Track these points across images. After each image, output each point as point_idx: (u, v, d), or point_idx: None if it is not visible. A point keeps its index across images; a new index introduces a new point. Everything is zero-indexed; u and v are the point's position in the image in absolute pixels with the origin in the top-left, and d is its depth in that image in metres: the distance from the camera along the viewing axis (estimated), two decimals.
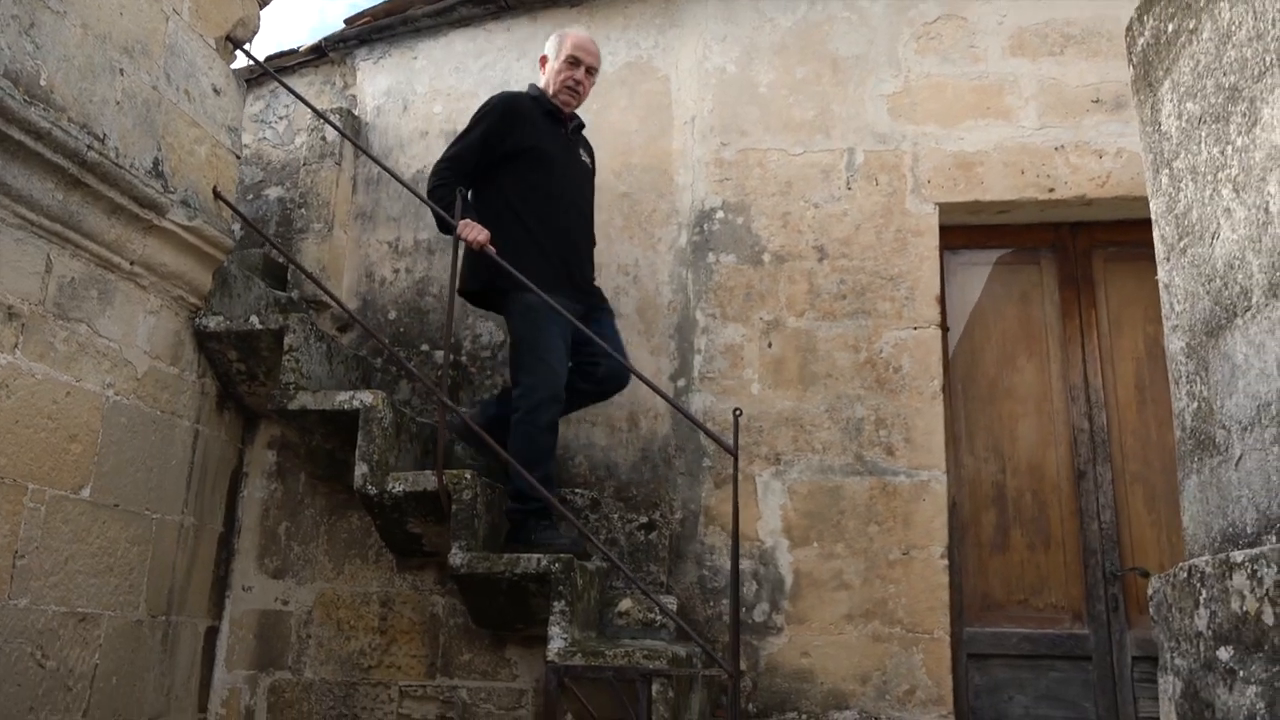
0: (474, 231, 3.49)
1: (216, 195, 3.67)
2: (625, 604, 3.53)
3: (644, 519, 3.85)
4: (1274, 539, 2.27)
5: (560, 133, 3.77)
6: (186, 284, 3.54)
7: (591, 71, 3.79)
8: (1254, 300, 2.45)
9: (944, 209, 4.17)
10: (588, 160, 3.91)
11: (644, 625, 3.51)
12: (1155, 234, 3.03)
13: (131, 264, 3.30)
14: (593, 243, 3.93)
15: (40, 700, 2.90)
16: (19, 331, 2.88)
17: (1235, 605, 2.25)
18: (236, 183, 3.85)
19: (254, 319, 3.61)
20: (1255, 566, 2.17)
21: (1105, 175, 4.11)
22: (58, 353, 3.02)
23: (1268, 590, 2.12)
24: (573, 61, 3.74)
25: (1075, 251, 4.31)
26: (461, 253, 3.63)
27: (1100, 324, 4.23)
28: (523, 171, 3.65)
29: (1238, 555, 2.27)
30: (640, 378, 3.41)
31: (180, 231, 3.42)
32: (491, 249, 3.49)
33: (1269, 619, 2.11)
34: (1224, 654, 2.29)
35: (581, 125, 3.94)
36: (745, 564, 3.83)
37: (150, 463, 3.38)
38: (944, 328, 4.15)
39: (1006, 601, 4.00)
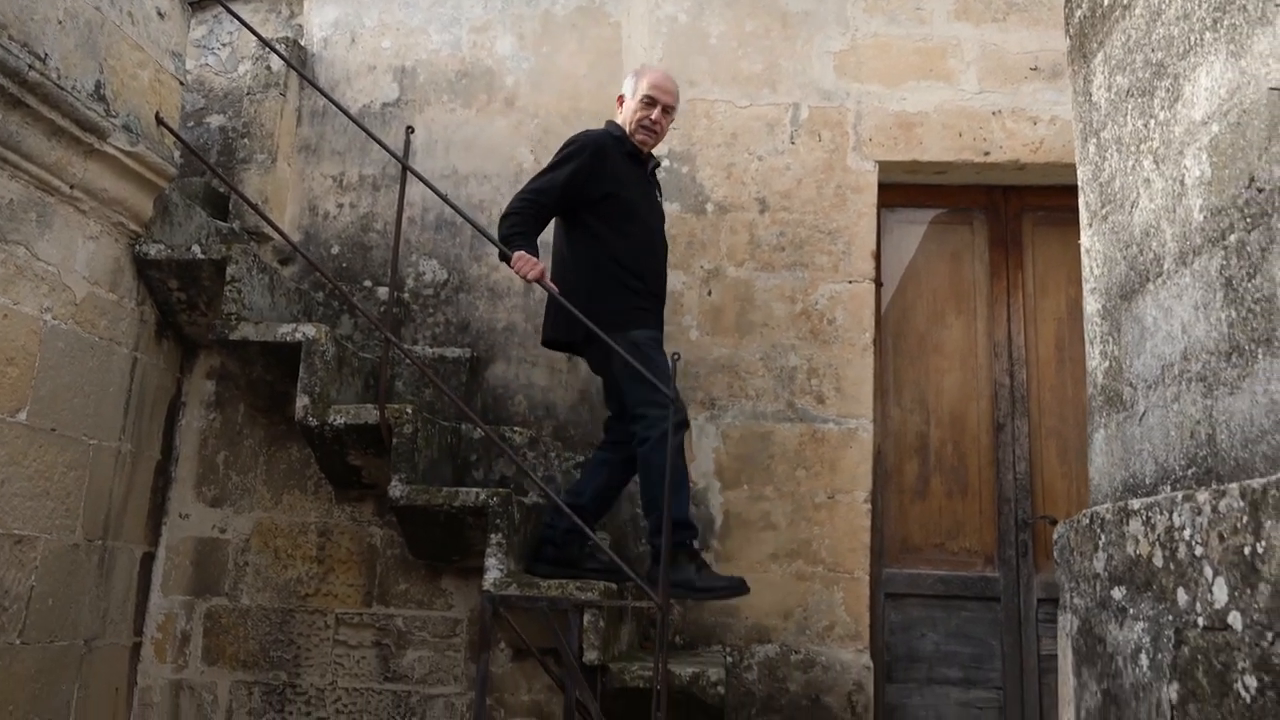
0: (526, 265, 3.39)
1: (159, 121, 3.62)
2: None
3: (581, 457, 3.94)
4: (1169, 489, 2.44)
5: (641, 174, 3.70)
6: (127, 210, 3.51)
7: (669, 110, 3.70)
8: (1165, 267, 2.61)
9: (883, 167, 4.28)
10: (660, 200, 3.87)
11: None
12: (1081, 200, 3.17)
13: (71, 188, 3.27)
14: (665, 268, 3.88)
15: None
16: None
17: (1130, 549, 2.42)
18: (180, 109, 3.80)
19: (196, 248, 3.60)
20: (1150, 514, 2.34)
21: (1039, 141, 4.25)
22: None
23: (1159, 535, 2.29)
24: (649, 101, 3.64)
25: (1006, 214, 4.46)
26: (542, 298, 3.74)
27: (1026, 284, 4.40)
28: (614, 217, 3.58)
29: (1135, 503, 2.44)
30: (584, 321, 3.48)
31: (122, 157, 3.38)
32: (552, 286, 3.44)
33: (1158, 561, 2.29)
34: (1117, 593, 2.47)
35: (658, 164, 3.90)
36: None
37: (88, 389, 3.38)
38: (878, 283, 4.29)
39: (924, 545, 4.19)
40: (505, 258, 3.46)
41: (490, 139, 4.44)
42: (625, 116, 3.68)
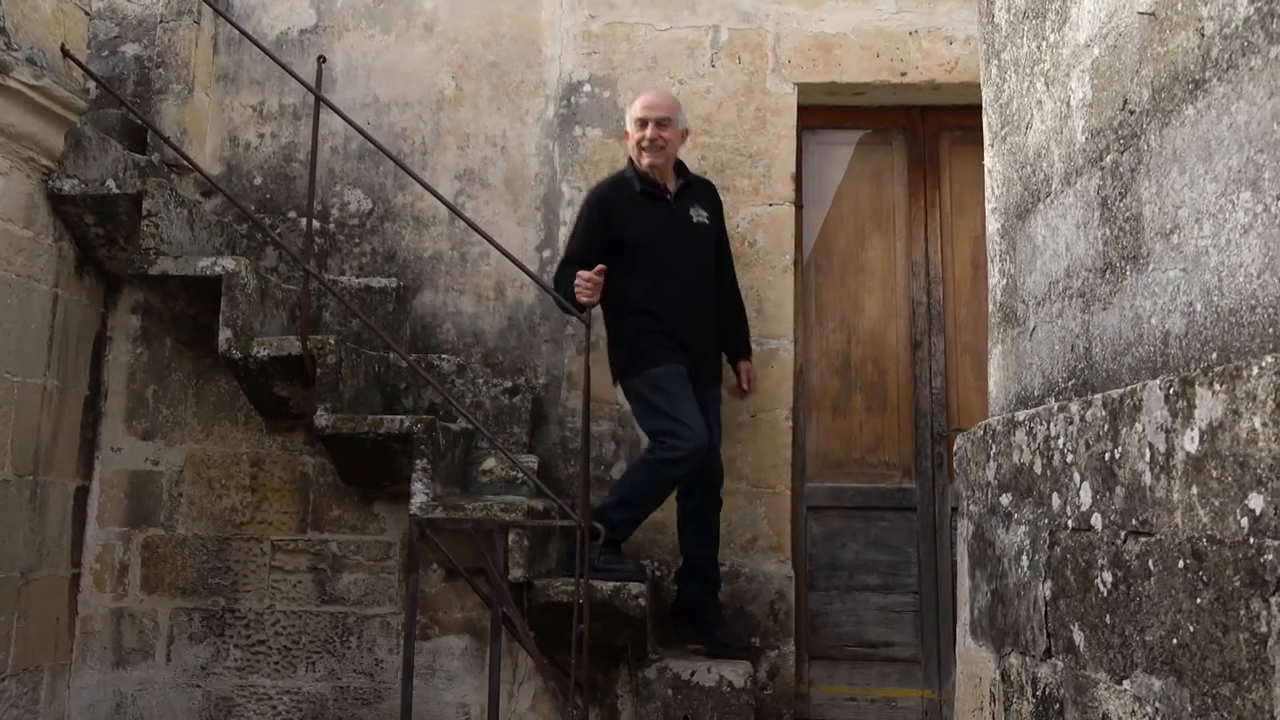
0: (582, 292, 3.52)
1: (65, 53, 3.57)
2: (489, 463, 3.74)
3: (509, 383, 4.03)
4: (1053, 400, 2.58)
5: (661, 206, 3.74)
6: (37, 145, 3.48)
7: (664, 123, 3.69)
8: (1053, 187, 2.72)
9: (803, 89, 4.33)
10: (704, 215, 3.81)
11: (507, 482, 3.73)
12: (984, 121, 3.26)
13: None
14: (718, 299, 3.86)
15: None
16: None
17: (1015, 458, 2.58)
18: (88, 40, 3.75)
19: (110, 183, 3.58)
20: (1032, 424, 2.49)
21: (954, 61, 4.32)
22: None
23: (1039, 444, 2.44)
24: (641, 123, 3.70)
25: (924, 134, 4.54)
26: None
27: (943, 204, 4.50)
28: (631, 262, 3.65)
29: (1021, 415, 2.58)
30: (502, 251, 3.55)
31: (27, 91, 3.35)
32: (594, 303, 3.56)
33: (1038, 469, 2.44)
34: (1005, 500, 2.62)
35: (689, 183, 3.86)
36: (604, 426, 4.07)
37: (8, 326, 3.39)
38: (798, 205, 4.36)
39: (845, 460, 4.36)
40: (579, 307, 3.54)
41: (411, 65, 4.41)
42: (631, 149, 3.78)
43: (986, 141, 3.24)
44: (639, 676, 3.51)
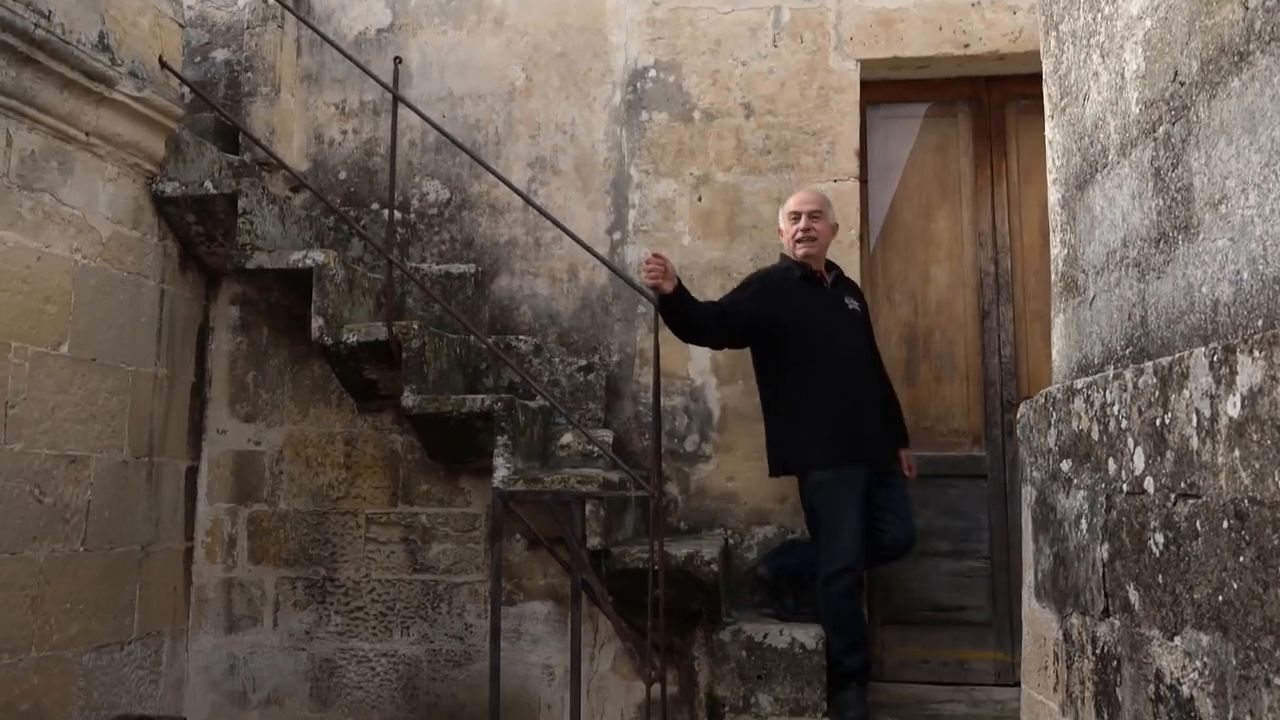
0: (650, 274, 3.45)
1: (163, 64, 3.82)
2: (566, 438, 3.92)
3: (583, 362, 4.20)
4: (1111, 368, 2.65)
5: (819, 293, 3.81)
6: (141, 152, 3.74)
7: (815, 215, 3.80)
8: (1110, 158, 2.77)
9: (865, 65, 4.38)
10: (856, 305, 3.89)
11: (584, 456, 3.91)
12: (1045, 93, 3.30)
13: (87, 135, 3.49)
14: (879, 385, 3.91)
15: (43, 530, 3.28)
16: None
17: (1075, 424, 2.65)
18: (182, 50, 3.99)
19: (208, 184, 3.83)
20: (1090, 392, 2.56)
21: (1018, 30, 4.32)
22: (25, 221, 3.25)
23: (1096, 411, 2.52)
24: (793, 216, 3.81)
25: (989, 105, 4.56)
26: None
27: (1010, 173, 4.52)
28: (793, 349, 3.71)
29: (1080, 382, 2.66)
30: (574, 238, 3.69)
31: (130, 102, 3.60)
32: (664, 290, 3.46)
33: (1095, 435, 2.52)
34: (1065, 466, 2.70)
35: (842, 274, 3.95)
36: (677, 400, 4.21)
37: (122, 320, 3.67)
38: (863, 180, 4.43)
39: (915, 429, 4.41)
40: (679, 324, 3.62)
41: (482, 59, 4.58)
42: (786, 244, 3.87)
43: (1047, 113, 3.28)
44: (714, 639, 3.67)
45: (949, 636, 4.18)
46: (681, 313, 3.56)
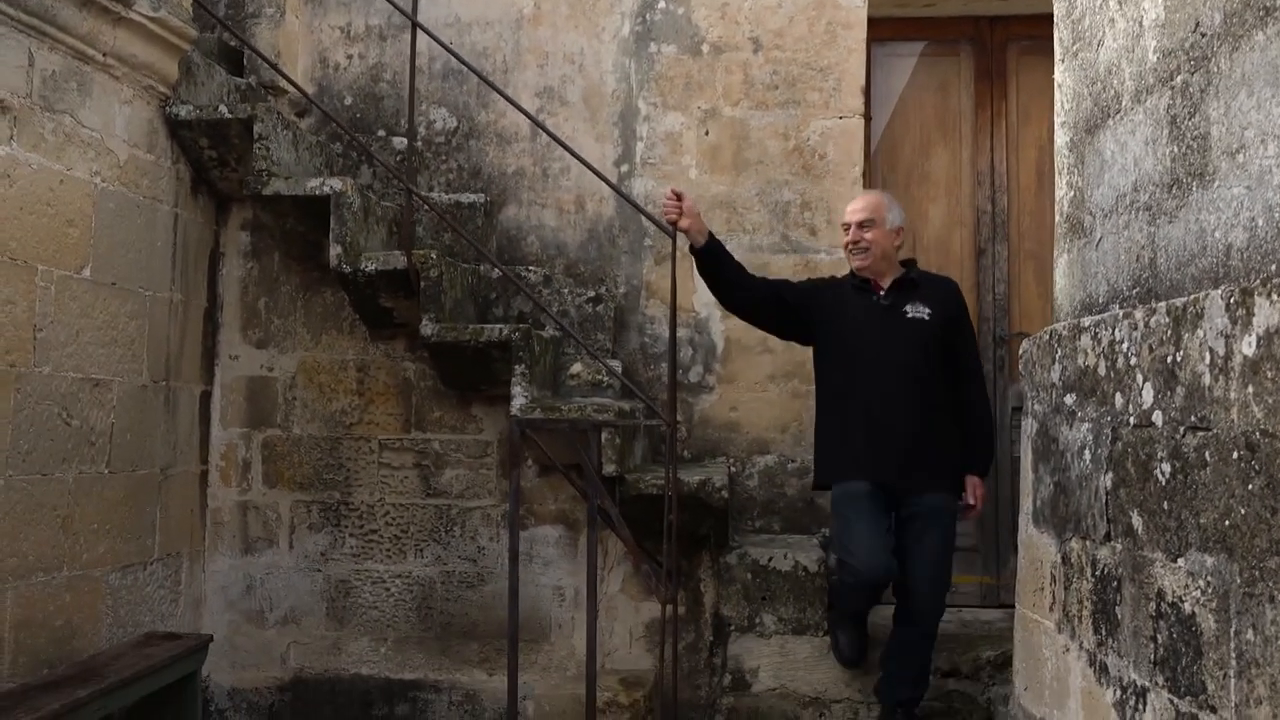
0: (669, 211, 3.45)
1: None
2: (576, 367, 4.02)
3: (591, 293, 4.27)
4: (1117, 308, 2.77)
5: (867, 299, 3.52)
6: (155, 73, 3.72)
7: (866, 224, 3.49)
8: (1123, 104, 2.85)
9: (872, 2, 4.41)
10: (923, 311, 3.47)
11: (593, 385, 4.01)
12: (1055, 36, 3.37)
13: (104, 55, 3.47)
14: (930, 398, 3.43)
15: (70, 453, 3.34)
16: (12, 124, 3.11)
17: (1080, 360, 2.78)
18: None
19: (223, 108, 3.82)
20: (1097, 329, 2.69)
21: None
22: (48, 143, 3.25)
23: (1103, 348, 2.64)
24: (844, 228, 3.57)
25: (991, 44, 4.63)
26: None
27: (1010, 114, 4.61)
28: (828, 355, 3.56)
29: (1087, 320, 2.78)
30: (589, 166, 3.74)
31: (146, 22, 3.57)
32: (680, 226, 3.43)
33: (1102, 371, 2.65)
34: (1069, 399, 2.84)
35: (914, 280, 3.55)
36: (681, 332, 4.30)
37: (139, 244, 3.69)
38: (867, 117, 4.49)
39: None
40: (710, 277, 3.57)
41: None
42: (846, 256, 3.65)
43: (1057, 56, 3.35)
44: (720, 562, 3.82)
45: None
46: (711, 261, 3.51)
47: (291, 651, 4.11)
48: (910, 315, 3.47)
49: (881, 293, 3.52)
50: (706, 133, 4.44)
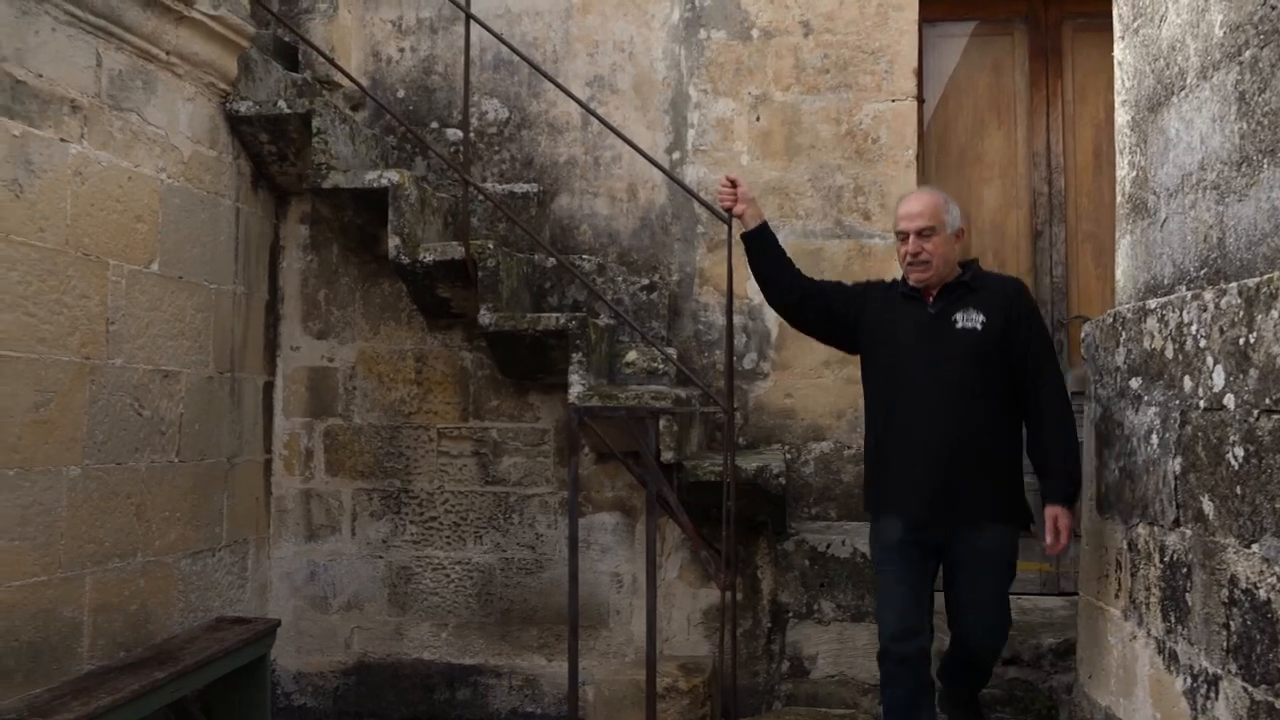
0: (724, 198, 3.28)
1: None
2: (631, 355, 4.03)
3: (645, 281, 4.29)
4: (1184, 289, 2.73)
5: (914, 307, 3.10)
6: (216, 70, 3.79)
7: (925, 233, 3.03)
8: (1189, 81, 2.81)
9: None
10: (977, 319, 3.03)
11: (648, 373, 4.02)
12: (1115, 13, 3.32)
13: (168, 54, 3.54)
14: (984, 418, 3.00)
15: (142, 442, 3.43)
16: (82, 123, 3.18)
17: (1146, 343, 2.75)
18: None
19: (281, 103, 3.88)
20: (1164, 311, 2.65)
21: None
22: (116, 141, 3.33)
23: (1171, 331, 2.61)
24: (902, 236, 3.09)
25: (1046, 23, 4.56)
26: None
27: (1065, 93, 4.54)
28: (871, 367, 3.19)
29: (1152, 302, 2.74)
30: (643, 154, 3.74)
31: (207, 20, 3.63)
32: (735, 212, 3.27)
33: (1169, 354, 2.61)
34: (1134, 383, 2.80)
35: (967, 284, 3.10)
36: (736, 319, 4.28)
37: (203, 239, 3.77)
38: (920, 99, 4.45)
39: None
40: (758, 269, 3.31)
41: None
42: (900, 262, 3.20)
43: (1117, 33, 3.30)
44: (778, 549, 3.83)
45: None
46: (758, 249, 3.27)
47: (355, 636, 4.19)
48: (960, 325, 3.03)
49: (930, 305, 3.09)
50: (758, 118, 4.43)
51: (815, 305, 3.25)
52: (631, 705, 3.51)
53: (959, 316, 3.04)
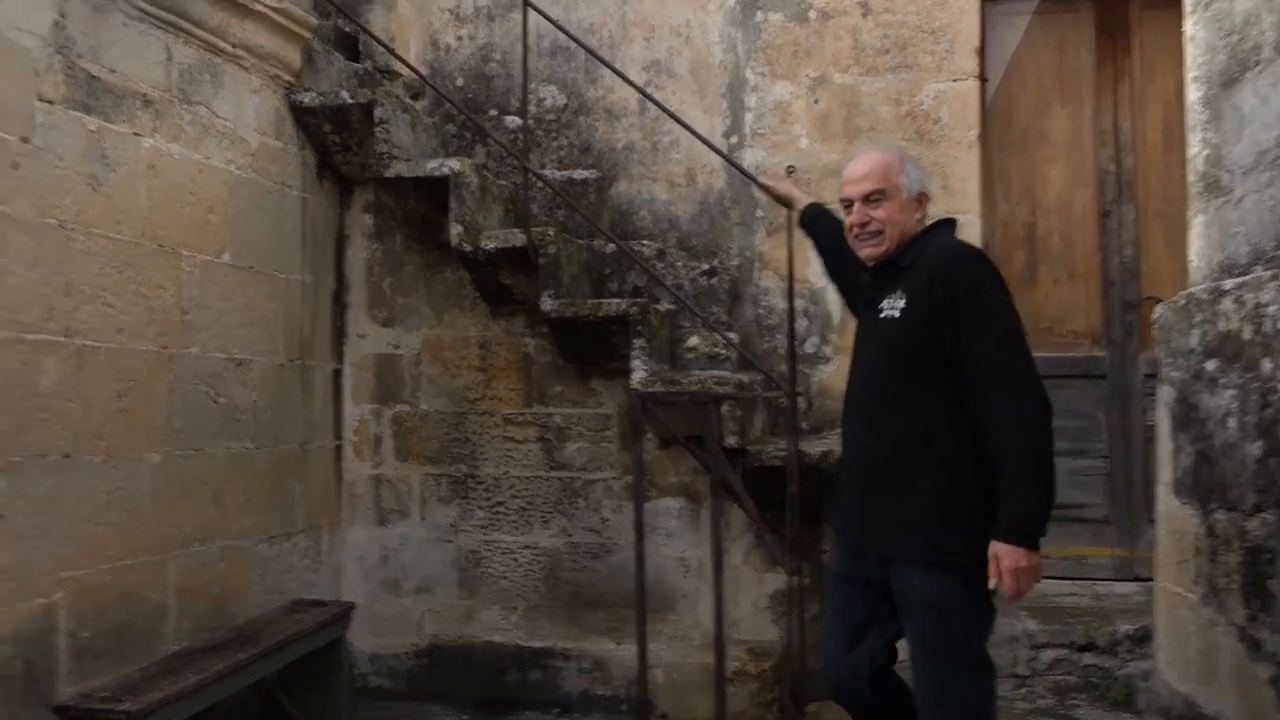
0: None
1: None
2: (693, 340, 4.04)
3: (705, 266, 4.29)
4: (1261, 269, 2.67)
5: (868, 297, 2.57)
6: (280, 62, 3.85)
7: (873, 198, 2.47)
8: (1264, 55, 2.74)
9: None
10: (897, 306, 2.41)
11: (710, 358, 4.03)
12: None
13: (234, 47, 3.60)
14: (908, 428, 2.38)
15: (219, 430, 3.52)
16: (155, 117, 3.26)
17: (1222, 325, 2.70)
18: None
19: (344, 93, 3.94)
20: (1241, 292, 2.60)
21: None
22: (187, 134, 3.40)
23: (1248, 312, 2.56)
24: (845, 204, 2.55)
25: None
26: None
27: (1133, 70, 4.44)
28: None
29: (1228, 283, 2.69)
30: (701, 139, 3.75)
31: (271, 13, 3.69)
32: (775, 193, 3.15)
33: (1248, 335, 2.56)
34: (1210, 365, 2.75)
35: (904, 263, 2.47)
36: (797, 303, 4.26)
37: (271, 229, 3.84)
38: (982, 79, 4.39)
39: (1032, 330, 4.38)
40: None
41: None
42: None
43: (1188, 8, 3.23)
44: None
45: (1066, 533, 4.27)
46: (809, 229, 3.02)
47: (426, 619, 4.27)
48: (884, 314, 2.45)
49: (880, 281, 2.54)
50: (816, 101, 4.39)
51: (853, 283, 2.81)
52: (700, 689, 3.54)
53: (886, 303, 2.46)
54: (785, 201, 3.23)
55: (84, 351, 2.96)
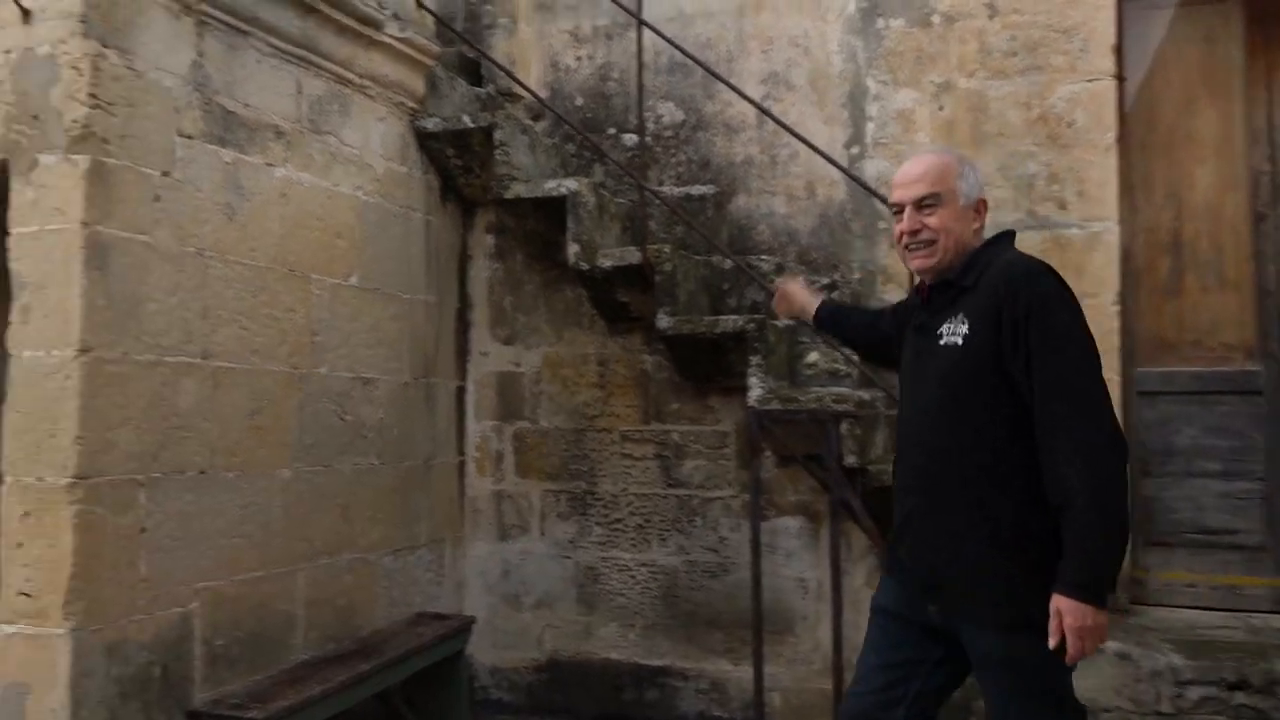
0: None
1: (418, 4, 4.02)
2: (813, 356, 3.96)
3: (826, 280, 4.20)
4: None
5: (920, 321, 2.36)
6: (404, 90, 3.97)
7: (926, 203, 2.26)
8: None
9: None
10: (959, 331, 2.19)
11: (830, 375, 3.94)
12: None
13: (360, 78, 3.74)
14: (975, 494, 2.15)
15: (346, 446, 3.64)
16: (286, 148, 3.40)
17: None
18: None
19: (465, 118, 4.03)
20: None
21: None
22: (316, 163, 3.54)
23: None
24: (895, 211, 2.36)
25: None
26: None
27: None
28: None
29: None
30: (816, 150, 3.68)
31: (395, 43, 3.82)
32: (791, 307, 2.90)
33: None
34: None
35: (963, 284, 2.25)
36: None
37: (397, 251, 3.96)
38: (1120, 78, 4.16)
39: (1178, 342, 4.20)
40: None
41: None
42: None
43: None
44: None
45: (1218, 560, 4.00)
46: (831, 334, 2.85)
47: (546, 634, 4.31)
48: (944, 340, 2.22)
49: (932, 305, 2.33)
50: (941, 108, 4.25)
51: (881, 345, 2.68)
52: (819, 713, 3.45)
53: (945, 328, 2.23)
54: (799, 315, 2.92)
55: (220, 372, 3.11)
